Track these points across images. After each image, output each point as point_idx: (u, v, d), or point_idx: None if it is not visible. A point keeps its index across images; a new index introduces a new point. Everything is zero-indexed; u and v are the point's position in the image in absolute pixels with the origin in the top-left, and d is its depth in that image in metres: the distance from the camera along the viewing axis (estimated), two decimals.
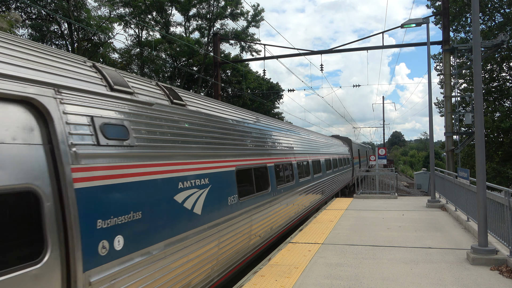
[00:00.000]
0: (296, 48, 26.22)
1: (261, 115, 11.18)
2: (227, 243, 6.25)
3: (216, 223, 5.80)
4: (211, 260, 5.67)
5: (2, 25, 16.24)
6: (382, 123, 67.61)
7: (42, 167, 3.15)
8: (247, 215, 7.14)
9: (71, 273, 3.22)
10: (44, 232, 3.06)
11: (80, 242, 3.32)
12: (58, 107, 3.40)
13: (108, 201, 3.72)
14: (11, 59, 3.18)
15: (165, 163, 4.74)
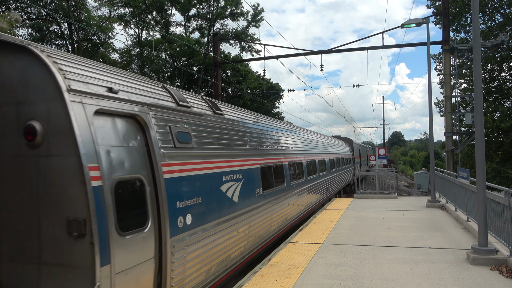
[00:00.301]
0: (296, 48, 26.23)
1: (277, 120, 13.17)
2: (255, 227, 7.59)
3: (247, 210, 7.19)
4: (244, 240, 7.04)
5: (2, 25, 16.23)
6: (382, 123, 67.64)
7: (145, 163, 4.52)
8: (268, 205, 8.50)
9: (162, 238, 4.54)
10: (147, 208, 4.40)
11: (167, 216, 4.65)
12: (150, 120, 4.72)
13: (182, 188, 5.09)
14: (124, 87, 4.60)
15: (213, 161, 6.14)
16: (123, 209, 4.05)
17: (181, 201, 5.01)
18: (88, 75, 4.18)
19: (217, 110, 7.03)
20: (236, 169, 6.97)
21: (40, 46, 3.99)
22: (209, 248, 5.64)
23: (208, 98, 7.22)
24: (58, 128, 3.69)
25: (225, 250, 6.20)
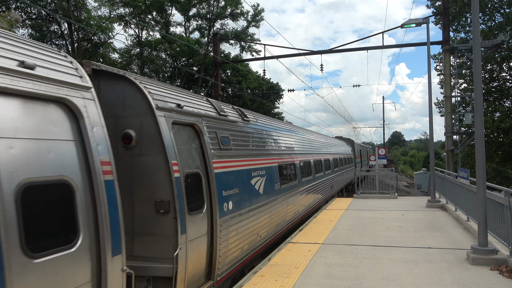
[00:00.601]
0: (296, 48, 26.23)
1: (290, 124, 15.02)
2: (274, 216, 8.96)
3: (269, 201, 8.52)
4: (266, 226, 8.36)
5: (2, 25, 16.24)
6: (382, 123, 67.60)
7: (200, 160, 5.90)
8: (284, 197, 9.83)
9: (213, 219, 5.86)
10: (203, 195, 5.74)
11: (217, 202, 5.95)
12: (203, 128, 6.10)
13: (225, 181, 6.42)
14: (185, 102, 5.89)
15: (245, 160, 7.54)
16: (189, 195, 5.35)
17: (225, 191, 6.41)
18: (165, 95, 5.54)
19: (245, 117, 8.49)
20: (260, 167, 8.38)
21: (133, 75, 5.42)
22: (243, 229, 7.03)
23: (237, 108, 8.70)
24: (149, 135, 5.04)
25: (254, 233, 7.58)
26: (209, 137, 6.24)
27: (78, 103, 3.58)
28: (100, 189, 3.56)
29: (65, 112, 3.53)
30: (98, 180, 3.56)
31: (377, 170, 22.02)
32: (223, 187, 6.31)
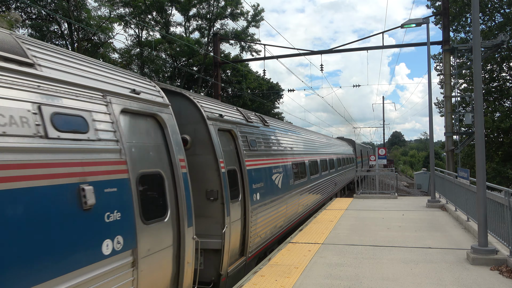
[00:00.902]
0: (296, 48, 26.23)
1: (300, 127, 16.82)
2: (289, 208, 10.37)
3: (285, 194, 9.96)
4: (283, 216, 9.78)
5: (2, 25, 16.24)
6: (382, 123, 67.61)
7: (236, 160, 7.32)
8: (297, 192, 11.23)
9: (245, 206, 7.22)
10: (239, 187, 7.12)
11: (249, 193, 7.34)
12: (237, 132, 7.57)
13: (254, 176, 7.81)
14: (224, 112, 7.30)
15: (267, 159, 8.99)
16: (230, 186, 6.70)
17: (254, 184, 7.77)
18: (211, 107, 6.94)
19: (265, 123, 10.04)
20: (279, 165, 9.86)
21: (187, 91, 6.84)
22: (267, 217, 8.38)
23: (258, 114, 10.33)
24: (201, 139, 6.47)
25: (274, 221, 8.96)
26: (242, 140, 7.74)
27: (163, 117, 4.93)
28: (179, 179, 4.92)
29: (155, 123, 4.86)
30: (178, 172, 4.94)
31: (377, 170, 22.01)
32: (252, 181, 7.73)
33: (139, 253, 4.00)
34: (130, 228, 3.90)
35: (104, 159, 3.71)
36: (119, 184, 3.82)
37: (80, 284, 3.19)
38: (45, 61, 3.53)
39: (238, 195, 7.11)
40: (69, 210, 3.20)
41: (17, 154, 2.84)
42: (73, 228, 3.22)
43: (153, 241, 4.33)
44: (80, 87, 3.72)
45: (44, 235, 2.97)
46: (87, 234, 3.36)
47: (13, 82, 3.05)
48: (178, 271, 4.84)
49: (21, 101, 3.04)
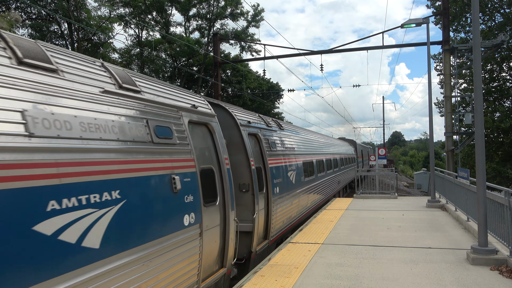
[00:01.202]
0: (296, 48, 26.22)
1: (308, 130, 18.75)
2: (301, 201, 11.76)
3: (297, 189, 11.33)
4: (295, 208, 11.09)
5: (2, 25, 16.23)
6: (382, 123, 67.60)
7: (260, 159, 8.60)
8: (307, 188, 12.64)
9: (268, 197, 8.47)
10: (263, 181, 8.39)
11: (271, 186, 8.61)
12: (261, 136, 8.93)
13: (274, 173, 9.13)
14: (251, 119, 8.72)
15: (283, 158, 10.34)
16: (258, 180, 8.04)
17: (274, 179, 9.16)
18: (242, 116, 8.41)
19: (281, 127, 11.48)
20: (292, 163, 11.16)
21: (224, 103, 8.33)
22: (283, 208, 9.76)
23: (275, 119, 11.95)
24: (235, 142, 7.85)
25: (289, 212, 10.30)
26: (265, 142, 9.12)
27: (212, 125, 6.33)
28: (225, 173, 6.29)
29: (207, 130, 6.25)
30: (224, 168, 6.30)
31: (377, 170, 22.00)
32: (273, 176, 9.11)
33: (203, 227, 5.33)
34: (198, 208, 5.21)
35: (182, 157, 5.06)
36: (191, 175, 5.17)
37: (172, 244, 4.52)
38: (145, 87, 4.88)
39: (263, 188, 8.55)
40: (167, 193, 4.57)
41: (139, 154, 4.21)
42: (169, 205, 4.58)
43: (210, 220, 5.68)
44: (166, 105, 5.07)
45: (154, 209, 4.27)
46: (176, 210, 4.72)
47: (132, 105, 4.38)
48: (224, 245, 6.20)
49: (138, 118, 4.39)
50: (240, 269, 7.50)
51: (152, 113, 4.68)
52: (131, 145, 4.10)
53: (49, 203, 2.99)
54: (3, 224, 2.64)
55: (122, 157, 3.94)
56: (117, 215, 3.69)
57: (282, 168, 10.01)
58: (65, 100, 3.45)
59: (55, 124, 3.22)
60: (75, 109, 3.52)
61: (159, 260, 4.26)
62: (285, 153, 10.74)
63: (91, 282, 3.27)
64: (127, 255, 3.75)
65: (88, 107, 3.71)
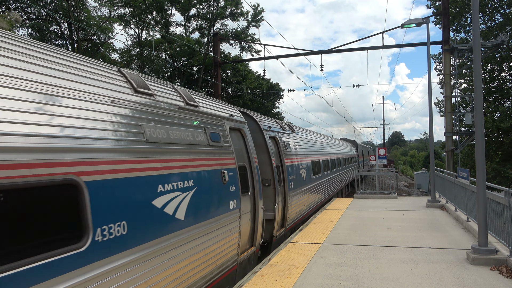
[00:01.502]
0: (296, 48, 26.22)
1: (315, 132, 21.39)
2: (310, 196, 13.24)
3: (307, 185, 12.89)
4: (306, 202, 12.62)
5: (2, 25, 16.23)
6: (382, 123, 67.60)
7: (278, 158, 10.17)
8: (315, 185, 14.21)
9: (285, 191, 10.09)
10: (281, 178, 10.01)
11: (287, 182, 10.19)
12: (279, 139, 10.63)
13: (289, 170, 10.66)
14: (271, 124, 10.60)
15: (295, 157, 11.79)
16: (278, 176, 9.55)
17: (290, 176, 10.58)
18: (264, 121, 9.97)
19: (293, 130, 13.15)
20: (303, 162, 12.69)
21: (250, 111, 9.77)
22: (297, 201, 11.23)
23: (288, 123, 14.38)
24: (259, 144, 9.08)
25: (300, 205, 11.72)
26: (282, 144, 10.63)
27: (244, 130, 7.76)
28: (254, 170, 7.71)
29: (240, 134, 7.60)
30: (253, 165, 7.71)
31: (377, 170, 22.00)
32: (289, 173, 10.56)
33: (241, 212, 6.66)
34: (238, 196, 6.57)
35: (227, 156, 6.42)
36: (233, 170, 6.55)
37: (223, 222, 5.90)
38: (201, 102, 6.28)
39: (281, 183, 9.94)
40: (219, 183, 5.98)
41: (202, 154, 5.61)
42: (221, 193, 5.98)
43: (245, 206, 7.03)
44: (214, 116, 6.45)
45: (213, 194, 5.73)
46: (225, 196, 6.10)
47: (195, 117, 5.76)
48: (254, 228, 7.56)
49: (200, 127, 5.80)
50: (263, 251, 8.70)
51: (207, 123, 6.10)
52: (198, 148, 5.53)
53: (159, 186, 4.42)
54: (139, 198, 4.06)
55: (193, 156, 5.38)
56: (192, 197, 5.10)
57: (295, 166, 11.61)
58: (160, 117, 4.86)
59: (158, 133, 4.63)
60: (166, 123, 4.95)
61: (217, 233, 5.72)
62: (297, 153, 12.29)
63: (181, 241, 4.74)
64: (198, 227, 5.15)
65: (172, 120, 5.13)
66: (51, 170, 3.11)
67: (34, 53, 3.55)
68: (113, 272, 3.57)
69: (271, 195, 9.29)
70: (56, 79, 3.56)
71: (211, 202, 5.64)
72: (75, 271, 3.18)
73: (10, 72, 3.15)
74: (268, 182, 9.26)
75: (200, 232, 5.20)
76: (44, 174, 3.04)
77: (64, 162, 3.25)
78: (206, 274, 5.44)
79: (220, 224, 5.81)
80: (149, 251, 4.09)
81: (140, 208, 4.05)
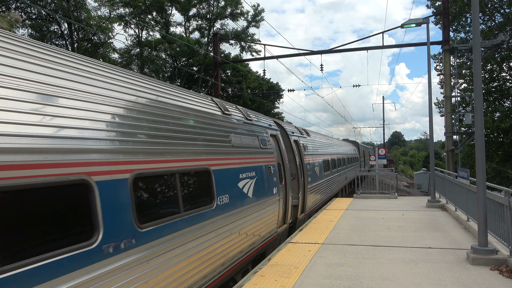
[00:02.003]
0: (296, 48, 26.22)
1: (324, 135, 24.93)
2: (322, 189, 15.60)
3: (320, 180, 15.13)
4: (318, 194, 14.69)
5: (2, 25, 16.23)
6: (382, 123, 67.62)
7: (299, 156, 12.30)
8: (325, 180, 16.56)
9: (304, 183, 12.38)
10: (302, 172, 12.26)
11: (306, 176, 12.59)
12: (300, 141, 13.07)
13: (308, 167, 13.10)
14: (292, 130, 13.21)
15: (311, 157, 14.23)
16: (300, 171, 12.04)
17: (308, 171, 12.72)
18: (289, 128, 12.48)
19: (308, 134, 15.47)
20: (317, 161, 15.16)
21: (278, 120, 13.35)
22: (312, 193, 13.40)
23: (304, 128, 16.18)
24: (287, 146, 11.19)
25: (315, 196, 13.95)
26: (302, 145, 12.91)
27: (278, 136, 10.14)
28: (286, 166, 9.98)
29: (275, 139, 9.83)
30: (285, 162, 10.02)
31: (377, 170, 22.00)
32: (308, 169, 12.92)
33: (280, 196, 9.05)
34: (277, 185, 8.91)
35: (270, 155, 8.85)
36: (274, 166, 8.90)
37: (270, 202, 8.26)
38: (253, 117, 8.78)
39: (302, 177, 12.13)
40: (268, 174, 8.30)
41: (258, 154, 8.02)
42: (269, 181, 8.32)
43: (281, 193, 9.31)
44: (261, 126, 9.01)
45: (265, 182, 8.12)
46: (271, 184, 8.46)
47: (251, 128, 8.19)
48: (286, 209, 9.88)
49: (255, 135, 8.17)
50: (290, 229, 10.87)
51: (258, 131, 8.64)
52: (255, 149, 8.03)
53: (240, 174, 6.88)
54: (231, 181, 6.52)
55: (254, 155, 7.81)
56: (255, 183, 7.52)
57: (311, 164, 13.90)
58: (236, 129, 7.30)
59: (236, 140, 7.07)
60: (239, 133, 7.37)
61: (267, 209, 8.17)
62: (312, 153, 14.63)
63: (251, 209, 7.23)
64: (258, 203, 7.60)
65: (242, 131, 7.59)
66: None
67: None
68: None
69: (295, 186, 11.70)
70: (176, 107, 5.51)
71: (264, 187, 8.09)
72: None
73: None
74: (293, 175, 11.50)
75: (259, 207, 7.67)
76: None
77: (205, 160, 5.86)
78: (264, 235, 8.10)
79: (268, 204, 8.26)
80: (237, 215, 6.60)
81: (231, 187, 6.52)
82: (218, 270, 5.82)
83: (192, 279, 4.98)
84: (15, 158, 2.83)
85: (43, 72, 3.49)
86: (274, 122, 10.68)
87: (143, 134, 4.38)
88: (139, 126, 4.36)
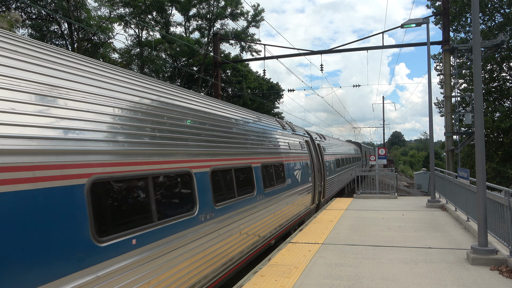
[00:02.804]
0: (296, 48, 26.20)
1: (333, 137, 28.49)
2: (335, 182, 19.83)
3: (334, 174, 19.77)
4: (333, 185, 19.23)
5: (2, 25, 16.23)
6: (382, 123, 67.65)
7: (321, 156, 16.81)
8: (337, 174, 20.67)
9: (324, 176, 16.66)
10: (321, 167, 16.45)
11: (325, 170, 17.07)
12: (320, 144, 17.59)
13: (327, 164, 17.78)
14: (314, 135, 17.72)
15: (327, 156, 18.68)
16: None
17: (327, 167, 17.31)
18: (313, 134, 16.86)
19: (324, 138, 19.78)
20: (331, 160, 19.23)
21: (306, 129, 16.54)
22: (329, 184, 17.44)
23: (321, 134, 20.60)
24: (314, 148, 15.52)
25: (330, 186, 17.59)
26: (322, 147, 16.62)
27: (309, 141, 14.80)
28: (315, 162, 14.67)
29: (307, 143, 14.25)
30: (314, 160, 14.51)
31: (377, 170, 22.00)
32: (326, 166, 16.81)
33: (312, 183, 13.61)
34: (311, 175, 13.61)
35: (306, 155, 13.41)
36: (308, 162, 13.47)
37: (308, 188, 13.12)
38: (295, 128, 13.97)
39: (323, 171, 15.51)
40: (306, 168, 13.06)
41: (300, 154, 12.62)
42: (307, 173, 13.07)
43: (312, 181, 13.53)
44: (300, 135, 13.71)
45: (304, 173, 12.81)
46: (308, 175, 13.17)
47: (295, 137, 13.04)
48: (314, 193, 13.92)
49: (297, 141, 12.97)
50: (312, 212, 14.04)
51: (299, 139, 12.84)
52: (300, 151, 12.50)
53: (294, 166, 11.57)
54: (295, 170, 11.75)
55: (299, 155, 12.34)
56: (300, 172, 11.99)
57: (328, 162, 17.92)
58: (289, 138, 11.96)
59: (293, 145, 11.98)
60: (291, 140, 11.97)
61: (306, 192, 12.66)
62: (328, 153, 18.67)
63: (300, 189, 11.98)
64: (302, 186, 12.24)
65: (293, 140, 12.19)
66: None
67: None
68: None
69: (318, 178, 15.01)
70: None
71: (305, 176, 12.45)
72: None
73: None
74: (317, 170, 14.94)
75: (303, 189, 12.26)
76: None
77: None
78: (305, 208, 12.50)
79: (307, 188, 12.68)
80: (295, 191, 11.21)
81: (291, 174, 10.90)
82: (284, 225, 10.11)
83: (264, 231, 8.47)
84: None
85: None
86: (305, 131, 15.27)
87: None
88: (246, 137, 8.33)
